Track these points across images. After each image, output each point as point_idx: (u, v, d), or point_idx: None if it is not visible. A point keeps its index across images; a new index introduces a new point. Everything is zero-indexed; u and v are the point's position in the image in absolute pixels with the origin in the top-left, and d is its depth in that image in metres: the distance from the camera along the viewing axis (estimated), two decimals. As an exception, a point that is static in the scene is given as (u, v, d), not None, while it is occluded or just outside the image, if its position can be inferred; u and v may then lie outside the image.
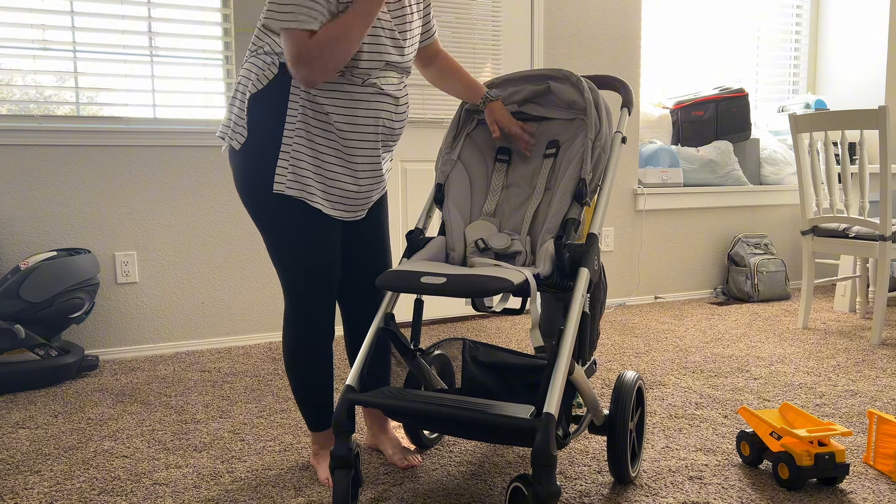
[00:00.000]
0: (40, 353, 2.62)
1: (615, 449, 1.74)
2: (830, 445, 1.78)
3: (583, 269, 1.60)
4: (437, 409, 1.50)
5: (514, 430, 1.45)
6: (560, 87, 1.81)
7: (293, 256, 1.77)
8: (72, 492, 1.78)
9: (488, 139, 1.92)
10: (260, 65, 1.73)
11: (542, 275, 1.58)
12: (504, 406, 1.51)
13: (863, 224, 3.14)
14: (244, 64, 1.79)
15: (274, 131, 1.70)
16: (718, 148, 4.26)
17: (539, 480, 1.35)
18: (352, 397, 1.56)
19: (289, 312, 1.83)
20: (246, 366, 2.89)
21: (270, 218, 1.75)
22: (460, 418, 1.48)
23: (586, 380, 1.65)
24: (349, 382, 1.58)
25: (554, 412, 1.38)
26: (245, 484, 1.82)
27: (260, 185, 1.72)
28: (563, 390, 1.43)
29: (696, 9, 4.51)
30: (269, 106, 1.70)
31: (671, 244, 4.22)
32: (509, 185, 1.86)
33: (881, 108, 2.98)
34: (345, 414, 1.55)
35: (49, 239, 2.93)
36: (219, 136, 1.82)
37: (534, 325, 1.50)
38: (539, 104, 1.87)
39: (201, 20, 3.14)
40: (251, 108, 1.71)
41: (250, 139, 1.72)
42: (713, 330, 3.44)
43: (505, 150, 1.89)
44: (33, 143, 2.86)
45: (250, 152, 1.73)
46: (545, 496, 1.34)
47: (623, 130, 1.84)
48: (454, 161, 1.87)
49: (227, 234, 3.19)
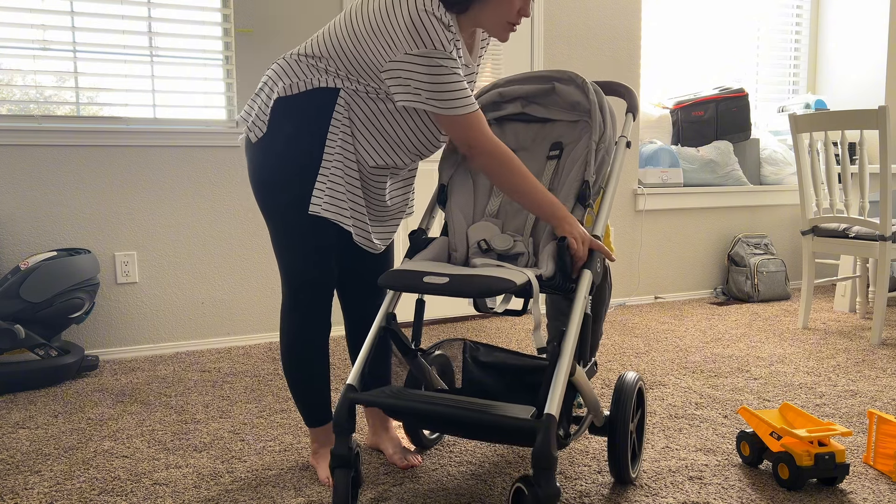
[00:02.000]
0: (40, 353, 2.62)
1: (615, 450, 1.74)
2: (830, 445, 1.78)
3: (585, 270, 1.61)
4: (437, 409, 1.51)
5: (515, 431, 1.45)
6: (565, 89, 1.82)
7: (294, 253, 1.79)
8: (72, 492, 1.78)
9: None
10: (298, 72, 1.73)
11: (544, 276, 1.58)
12: (504, 407, 1.52)
13: (863, 224, 3.14)
14: (281, 61, 1.78)
15: (308, 146, 1.72)
16: (718, 148, 4.26)
17: (539, 482, 1.35)
18: (352, 396, 1.56)
19: (286, 305, 1.85)
20: (246, 366, 2.89)
21: (282, 216, 1.77)
22: (461, 418, 1.48)
23: (587, 381, 1.65)
24: (350, 381, 1.58)
25: (555, 413, 1.38)
26: (245, 484, 1.82)
27: (278, 186, 1.75)
28: (564, 392, 1.43)
29: (696, 9, 4.51)
30: (299, 118, 1.71)
31: (671, 244, 4.22)
32: None
33: (881, 108, 2.98)
34: (345, 413, 1.55)
35: (49, 239, 2.92)
36: (239, 119, 1.85)
37: (536, 326, 1.50)
38: (543, 105, 1.87)
39: (201, 20, 3.14)
40: (276, 108, 1.73)
41: (269, 137, 1.74)
42: (713, 330, 3.44)
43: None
44: (33, 143, 2.86)
45: (268, 151, 1.75)
46: (545, 498, 1.34)
47: (628, 136, 1.85)
48: (458, 161, 1.87)
49: (227, 234, 3.19)
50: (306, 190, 1.72)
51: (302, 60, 1.74)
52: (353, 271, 1.93)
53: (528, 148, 1.88)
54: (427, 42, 1.55)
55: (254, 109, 1.79)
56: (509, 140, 1.89)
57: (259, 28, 3.11)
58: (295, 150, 1.73)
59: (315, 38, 1.75)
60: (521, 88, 1.87)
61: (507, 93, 1.89)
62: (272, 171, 1.75)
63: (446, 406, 1.50)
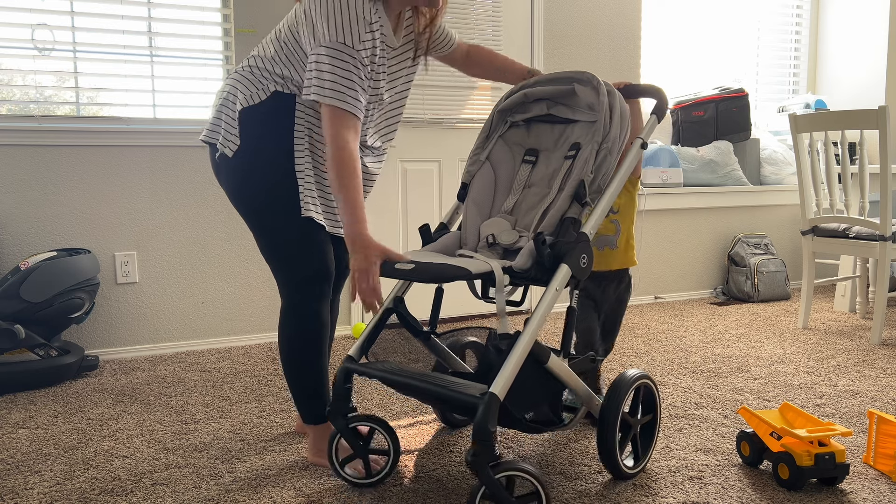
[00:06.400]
0: (40, 353, 2.62)
1: (602, 440, 1.77)
2: (830, 445, 1.78)
3: (563, 264, 1.65)
4: (409, 382, 1.64)
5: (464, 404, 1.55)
6: (582, 90, 1.85)
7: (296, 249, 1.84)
8: (72, 492, 1.78)
9: (520, 140, 1.98)
10: (254, 81, 1.81)
11: (515, 267, 1.65)
12: (466, 385, 1.61)
13: (863, 224, 3.14)
14: (235, 75, 1.87)
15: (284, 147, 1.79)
16: (718, 148, 4.26)
17: (475, 451, 1.45)
18: (349, 366, 1.72)
19: (292, 302, 1.88)
20: (246, 366, 2.89)
21: (284, 217, 1.81)
22: (423, 390, 1.62)
23: (570, 372, 1.68)
24: (350, 353, 1.73)
25: (499, 392, 1.47)
26: (245, 484, 1.82)
27: (267, 190, 1.81)
28: (514, 372, 1.51)
29: (696, 9, 4.51)
30: (267, 123, 1.79)
31: (671, 244, 4.22)
32: (531, 184, 1.91)
33: (881, 108, 2.98)
34: (342, 379, 1.71)
35: (49, 239, 2.92)
36: (206, 139, 1.91)
37: (500, 313, 1.63)
38: (567, 106, 1.91)
39: (201, 20, 3.14)
40: (243, 119, 1.80)
41: (244, 148, 1.80)
42: (713, 330, 3.44)
43: (533, 152, 1.94)
44: (33, 143, 2.86)
45: (248, 161, 1.81)
46: (472, 464, 1.45)
47: (645, 137, 1.87)
48: (482, 162, 1.95)
49: (227, 234, 3.19)
50: (293, 190, 1.80)
51: (255, 70, 1.82)
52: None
53: (550, 149, 1.92)
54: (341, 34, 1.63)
55: (220, 127, 1.85)
56: (532, 141, 1.95)
57: (259, 28, 3.11)
58: (272, 153, 1.79)
59: (262, 43, 1.85)
60: (545, 90, 1.92)
61: (532, 94, 1.94)
62: (258, 179, 1.81)
63: (416, 380, 1.63)
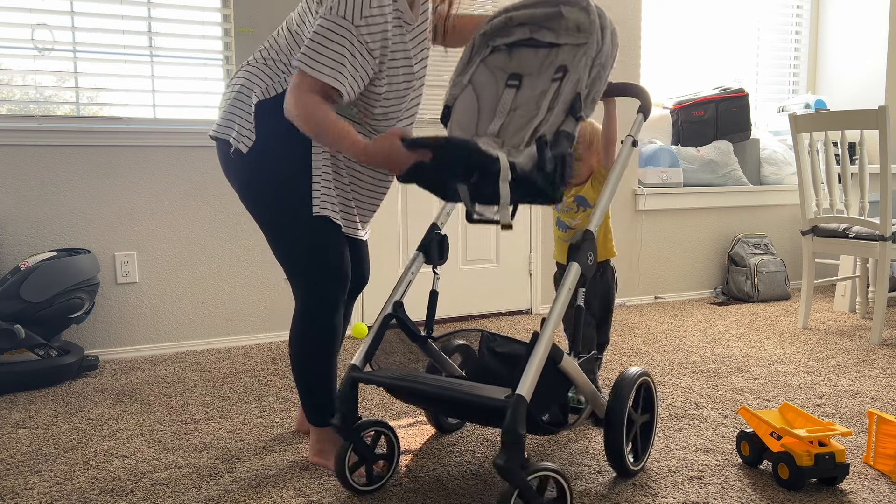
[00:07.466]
0: (40, 353, 2.62)
1: (610, 439, 1.77)
2: (830, 445, 1.78)
3: (573, 262, 1.64)
4: (424, 389, 1.61)
5: (489, 410, 1.52)
6: (570, 10, 1.81)
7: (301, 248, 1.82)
8: (72, 492, 1.78)
9: (501, 65, 1.93)
10: (270, 73, 1.76)
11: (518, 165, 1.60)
12: (485, 388, 1.58)
13: (863, 224, 3.14)
14: (248, 67, 1.81)
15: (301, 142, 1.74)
16: (718, 148, 4.26)
17: (503, 457, 1.41)
18: (355, 375, 1.69)
19: (303, 308, 1.87)
20: (246, 366, 2.89)
21: (295, 214, 1.79)
22: (443, 397, 1.58)
23: (580, 371, 1.68)
24: (354, 362, 1.70)
25: (525, 394, 1.44)
26: (245, 484, 1.82)
27: (286, 186, 1.78)
28: (538, 374, 1.49)
29: (696, 9, 4.51)
30: (283, 117, 1.72)
31: (671, 244, 4.22)
32: (516, 107, 1.86)
33: (881, 108, 2.98)
34: (348, 389, 1.68)
35: (49, 239, 2.92)
36: (216, 135, 1.84)
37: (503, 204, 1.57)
38: (551, 29, 1.86)
39: (201, 20, 3.14)
40: (259, 113, 1.75)
41: (261, 143, 1.76)
42: (713, 330, 3.44)
43: (516, 76, 1.89)
44: (33, 143, 2.86)
45: (264, 156, 1.77)
46: (502, 470, 1.41)
47: (636, 135, 1.86)
48: (464, 85, 1.90)
49: (227, 234, 3.19)
50: (307, 186, 1.77)
51: (269, 62, 1.78)
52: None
53: (534, 73, 1.87)
54: (342, 8, 1.61)
55: (234, 122, 1.80)
56: (514, 66, 1.89)
57: (259, 28, 3.11)
58: (288, 146, 1.75)
59: (273, 35, 1.82)
60: (530, 13, 1.87)
61: (516, 17, 1.89)
62: (272, 171, 1.77)
63: (432, 386, 1.59)
